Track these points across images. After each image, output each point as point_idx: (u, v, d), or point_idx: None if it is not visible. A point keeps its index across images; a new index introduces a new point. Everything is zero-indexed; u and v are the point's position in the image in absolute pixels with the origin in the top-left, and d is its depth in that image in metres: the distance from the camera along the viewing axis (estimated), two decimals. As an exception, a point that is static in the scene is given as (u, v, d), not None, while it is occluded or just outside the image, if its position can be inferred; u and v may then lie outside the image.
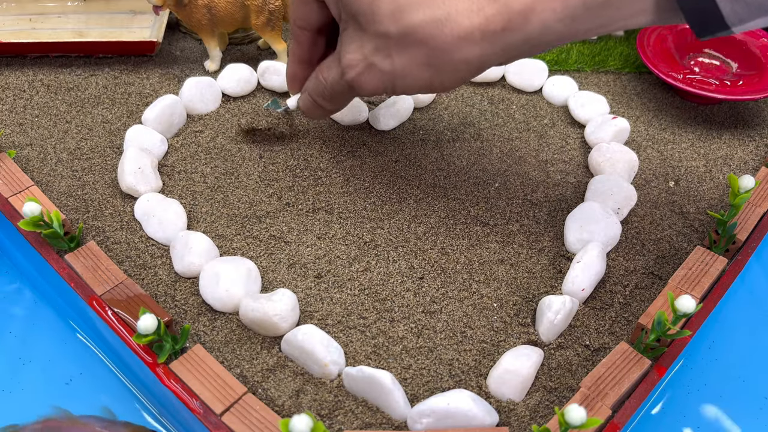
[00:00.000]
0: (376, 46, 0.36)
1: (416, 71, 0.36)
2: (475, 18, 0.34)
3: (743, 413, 0.42)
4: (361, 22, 0.36)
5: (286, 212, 0.48)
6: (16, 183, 0.47)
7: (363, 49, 0.37)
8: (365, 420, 0.36)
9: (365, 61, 0.37)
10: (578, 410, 0.30)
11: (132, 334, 0.38)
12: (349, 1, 0.36)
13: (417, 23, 0.34)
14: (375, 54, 0.37)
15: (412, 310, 0.42)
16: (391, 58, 0.36)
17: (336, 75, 0.40)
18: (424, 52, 0.35)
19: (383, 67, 0.37)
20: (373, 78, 0.38)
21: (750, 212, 0.46)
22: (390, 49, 0.36)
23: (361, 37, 0.37)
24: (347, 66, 0.38)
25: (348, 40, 0.38)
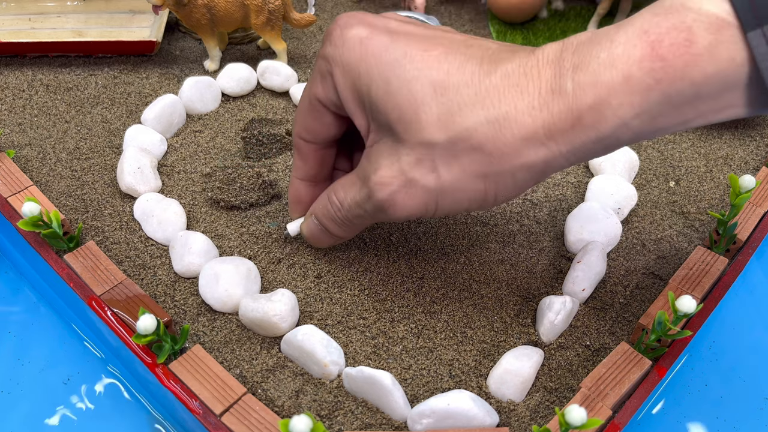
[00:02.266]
0: (418, 158, 0.31)
1: (468, 184, 0.31)
2: (539, 115, 0.29)
3: (744, 414, 0.42)
4: (399, 132, 0.31)
5: (286, 212, 0.48)
6: (15, 183, 0.46)
7: (400, 163, 0.32)
8: (365, 420, 0.36)
9: (402, 177, 0.32)
10: (579, 410, 0.30)
11: (131, 334, 0.38)
12: (384, 109, 0.32)
13: (470, 126, 0.30)
14: (416, 168, 0.31)
15: (412, 310, 0.42)
16: (436, 171, 0.31)
17: (359, 196, 0.35)
18: (478, 160, 0.30)
19: (426, 183, 0.32)
20: (413, 197, 0.32)
21: (750, 212, 0.46)
22: (436, 161, 0.31)
23: (398, 149, 0.32)
24: (378, 184, 0.33)
25: (378, 155, 0.33)
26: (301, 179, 0.40)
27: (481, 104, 0.30)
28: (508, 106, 0.29)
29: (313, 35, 0.67)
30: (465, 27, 0.69)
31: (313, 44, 0.66)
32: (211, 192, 0.48)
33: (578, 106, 0.29)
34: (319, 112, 0.36)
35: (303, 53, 0.64)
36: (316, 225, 0.39)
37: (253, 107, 0.57)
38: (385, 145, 0.33)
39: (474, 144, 0.30)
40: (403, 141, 0.32)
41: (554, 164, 0.31)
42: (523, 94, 0.29)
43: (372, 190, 0.33)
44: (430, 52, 0.31)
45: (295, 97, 0.57)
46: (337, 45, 0.33)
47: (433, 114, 0.30)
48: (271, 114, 0.56)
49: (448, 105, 0.30)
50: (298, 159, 0.40)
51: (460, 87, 0.30)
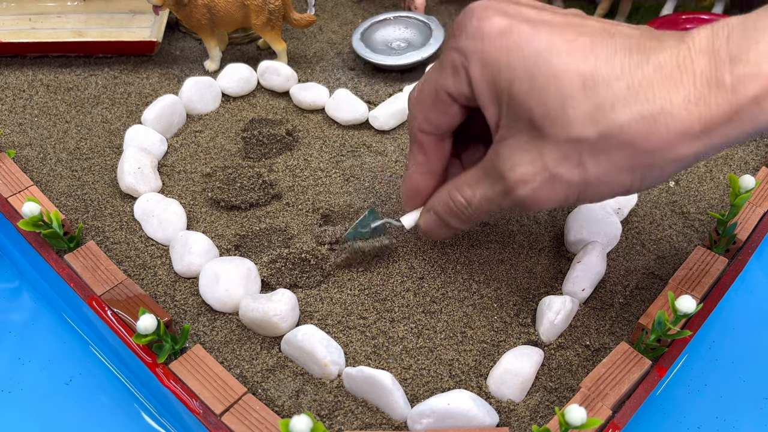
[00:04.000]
0: (564, 154, 0.31)
1: (616, 177, 0.31)
2: (695, 110, 0.28)
3: (743, 413, 0.42)
4: (543, 127, 0.31)
5: (286, 212, 0.48)
6: (16, 183, 0.47)
7: (543, 159, 0.31)
8: (365, 420, 0.36)
9: (546, 173, 0.31)
10: (578, 410, 0.30)
11: (131, 334, 0.38)
12: (527, 105, 0.31)
13: (624, 122, 0.29)
14: (561, 164, 0.31)
15: (412, 310, 0.42)
16: (582, 165, 0.31)
17: (490, 193, 0.34)
18: (629, 155, 0.30)
19: (571, 178, 0.31)
20: (556, 191, 0.32)
21: (750, 212, 0.46)
22: (583, 156, 0.30)
23: (540, 145, 0.31)
24: (519, 182, 0.32)
25: (514, 151, 0.32)
26: (419, 172, 0.39)
27: (635, 99, 0.29)
28: (663, 101, 0.29)
29: (313, 35, 0.67)
30: (465, 27, 0.69)
31: (313, 44, 0.66)
32: (212, 192, 0.48)
33: (738, 100, 0.28)
34: (446, 104, 0.35)
35: (303, 53, 0.64)
36: (435, 220, 0.39)
37: (253, 107, 0.57)
38: (522, 141, 0.32)
39: (626, 140, 0.29)
40: (547, 137, 0.31)
41: (704, 155, 0.30)
42: (678, 88, 0.28)
43: (511, 187, 0.33)
44: (574, 43, 0.30)
45: (295, 97, 0.57)
46: (476, 38, 0.32)
47: (582, 110, 0.30)
48: (271, 114, 0.56)
49: (598, 100, 0.29)
50: (419, 153, 0.39)
51: (610, 80, 0.29)
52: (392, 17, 0.65)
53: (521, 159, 0.32)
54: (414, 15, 0.65)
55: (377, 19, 0.65)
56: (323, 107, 0.57)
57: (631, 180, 0.31)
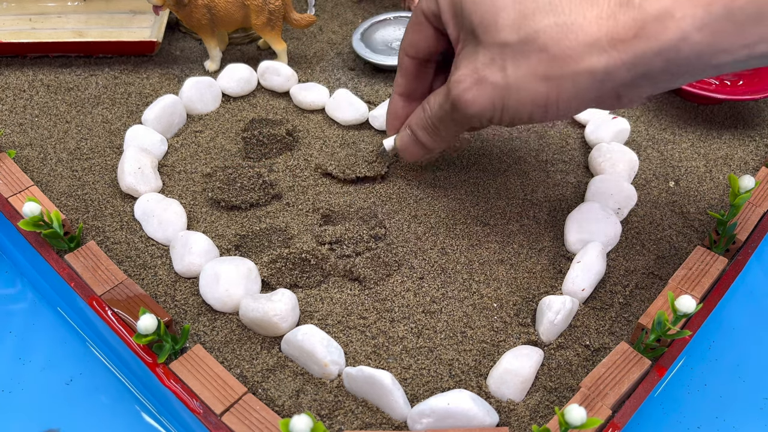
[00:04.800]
0: (492, 57, 0.35)
1: (532, 83, 0.34)
2: (604, 24, 0.32)
3: (743, 413, 0.42)
4: (479, 34, 0.35)
5: (286, 212, 0.48)
6: (16, 183, 0.47)
7: (475, 63, 0.35)
8: (365, 420, 0.36)
9: (475, 75, 0.35)
10: (578, 410, 0.30)
11: (132, 334, 0.38)
12: (469, 15, 0.35)
13: (540, 28, 0.33)
14: (488, 66, 0.35)
15: (412, 310, 0.42)
16: (505, 70, 0.34)
17: (441, 98, 0.38)
18: (544, 60, 0.33)
19: (495, 80, 0.35)
20: (482, 94, 0.35)
21: (750, 212, 0.46)
22: (506, 60, 0.34)
23: (476, 51, 0.35)
24: (455, 82, 0.36)
25: (461, 59, 0.36)
26: (399, 95, 0.44)
27: (554, 11, 0.33)
28: (577, 15, 0.32)
29: (313, 35, 0.67)
30: (465, 27, 0.69)
31: (313, 44, 0.66)
32: (212, 192, 0.48)
33: (643, 17, 0.31)
34: (423, 25, 0.40)
35: (303, 53, 0.64)
36: (409, 135, 0.43)
37: (253, 107, 0.57)
38: (467, 50, 0.36)
39: (540, 45, 0.33)
40: (482, 43, 0.35)
41: (615, 74, 0.33)
42: (593, 6, 0.32)
43: (449, 88, 0.37)
44: None
45: (295, 97, 0.57)
46: None
47: (509, 18, 0.34)
48: (271, 114, 0.56)
49: (523, 10, 0.33)
50: (399, 76, 0.43)
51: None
52: (392, 17, 0.65)
53: (461, 64, 0.36)
54: (414, 15, 0.65)
55: (377, 19, 0.65)
56: (323, 107, 0.57)
57: (547, 89, 0.34)
